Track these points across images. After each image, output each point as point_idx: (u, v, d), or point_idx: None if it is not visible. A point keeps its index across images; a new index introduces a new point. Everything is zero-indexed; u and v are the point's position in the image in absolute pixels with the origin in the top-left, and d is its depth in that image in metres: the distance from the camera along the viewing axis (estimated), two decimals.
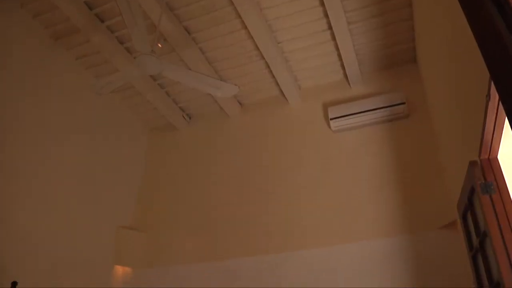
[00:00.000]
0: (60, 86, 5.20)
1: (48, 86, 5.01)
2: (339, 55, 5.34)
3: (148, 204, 6.02)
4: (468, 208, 3.30)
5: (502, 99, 1.32)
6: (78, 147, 5.28)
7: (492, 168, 2.91)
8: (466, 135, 3.25)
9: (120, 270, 5.49)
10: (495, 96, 2.32)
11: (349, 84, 5.62)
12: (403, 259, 4.37)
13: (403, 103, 5.05)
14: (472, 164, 3.01)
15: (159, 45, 4.38)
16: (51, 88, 5.06)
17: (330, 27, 4.96)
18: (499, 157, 2.91)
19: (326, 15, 4.81)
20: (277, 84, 5.76)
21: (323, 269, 4.64)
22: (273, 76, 5.63)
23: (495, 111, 2.43)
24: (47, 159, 4.84)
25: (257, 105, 6.11)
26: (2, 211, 4.30)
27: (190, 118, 6.47)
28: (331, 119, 5.30)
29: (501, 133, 2.63)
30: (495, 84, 1.39)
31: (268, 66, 5.46)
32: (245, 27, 4.93)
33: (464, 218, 3.51)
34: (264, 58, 5.31)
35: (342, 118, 5.25)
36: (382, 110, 5.11)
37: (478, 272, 3.28)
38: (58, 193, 4.92)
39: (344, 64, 5.36)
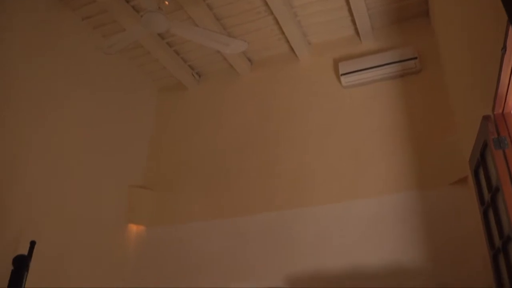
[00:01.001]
0: (67, 47, 5.15)
1: (55, 47, 4.97)
2: (350, 10, 5.22)
3: (158, 162, 6.06)
4: (480, 163, 3.28)
5: None
6: (87, 108, 5.28)
7: (506, 122, 2.87)
8: (480, 90, 3.20)
9: (133, 228, 5.59)
10: (511, 49, 2.26)
11: (360, 39, 5.52)
12: (413, 215, 4.39)
13: (415, 58, 4.97)
14: (486, 118, 2.97)
15: (166, 3, 4.31)
16: (58, 49, 5.02)
17: None
18: None
19: None
20: (287, 40, 5.67)
21: (333, 226, 4.68)
22: (283, 32, 5.53)
23: (511, 64, 2.37)
24: (57, 121, 4.86)
25: (267, 62, 6.04)
26: (17, 173, 4.36)
27: (199, 76, 6.42)
28: (341, 74, 5.24)
29: None
30: None
31: (277, 22, 5.36)
32: None
33: (475, 174, 3.49)
34: (272, 14, 5.21)
35: (353, 74, 5.19)
36: (393, 65, 5.03)
37: (489, 227, 3.30)
38: (71, 154, 4.96)
39: (355, 19, 5.24)
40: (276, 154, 5.36)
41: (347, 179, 4.84)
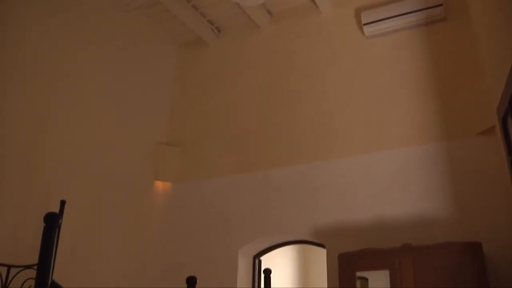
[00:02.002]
0: (86, 6, 5.12)
1: (72, 7, 4.95)
2: None
3: (182, 119, 6.09)
4: (508, 111, 3.21)
5: None
6: (109, 68, 5.29)
7: None
8: (509, 37, 3.08)
9: (160, 185, 5.68)
10: None
11: None
12: (439, 166, 4.35)
13: (440, 5, 4.80)
14: None
15: None
16: (76, 9, 4.99)
17: None
18: None
19: None
20: None
21: (358, 178, 4.68)
22: None
23: None
24: (79, 80, 4.89)
25: (287, 14, 5.91)
26: (45, 134, 4.43)
27: (219, 31, 6.34)
28: (364, 24, 5.10)
29: None
30: None
31: None
32: None
33: (503, 122, 3.42)
34: None
35: (376, 23, 5.05)
36: (417, 13, 4.88)
37: None
38: (96, 114, 5.01)
39: None
40: (299, 108, 5.32)
41: (372, 131, 4.80)
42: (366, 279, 4.08)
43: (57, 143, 4.57)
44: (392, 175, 4.52)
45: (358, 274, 4.05)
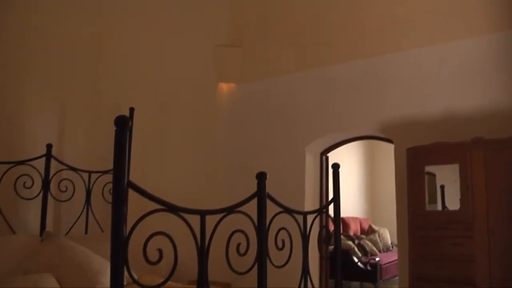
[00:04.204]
0: None
1: None
2: None
3: (242, 19, 5.94)
4: None
5: None
6: None
7: None
8: None
9: (224, 87, 5.72)
10: None
11: None
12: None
13: None
14: None
15: None
16: None
17: None
18: None
19: None
20: None
21: (425, 70, 4.45)
22: None
23: None
24: None
25: None
26: (112, 44, 4.51)
27: None
28: None
29: None
30: None
31: None
32: None
33: None
34: None
35: None
36: None
37: None
38: (157, 20, 5.02)
39: None
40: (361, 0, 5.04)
41: (439, 19, 4.45)
42: (434, 175, 4.04)
43: (123, 53, 4.66)
44: (464, 66, 4.25)
45: (427, 169, 4.01)
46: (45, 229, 3.73)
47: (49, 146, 3.88)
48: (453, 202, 3.89)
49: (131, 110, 4.15)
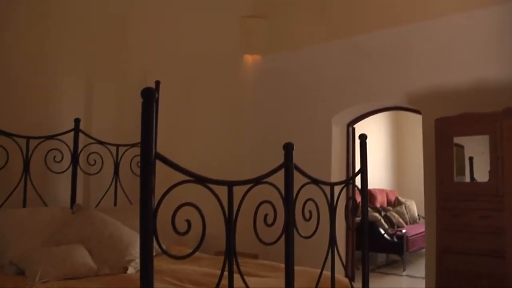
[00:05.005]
0: None
1: None
2: None
3: None
4: None
5: None
6: None
7: None
8: None
9: (249, 58, 5.68)
10: None
11: None
12: None
13: None
14: None
15: None
16: None
17: None
18: None
19: None
20: None
21: (453, 39, 4.34)
22: None
23: None
24: None
25: None
26: (137, 18, 4.51)
27: None
28: None
29: None
30: None
31: None
32: None
33: None
34: None
35: None
36: None
37: None
38: None
39: None
40: None
41: None
42: (462, 147, 3.98)
43: (148, 26, 4.66)
44: (493, 35, 4.12)
45: (455, 140, 3.95)
46: (75, 202, 3.81)
47: (77, 121, 3.93)
48: (481, 174, 3.84)
49: (157, 83, 4.16)
